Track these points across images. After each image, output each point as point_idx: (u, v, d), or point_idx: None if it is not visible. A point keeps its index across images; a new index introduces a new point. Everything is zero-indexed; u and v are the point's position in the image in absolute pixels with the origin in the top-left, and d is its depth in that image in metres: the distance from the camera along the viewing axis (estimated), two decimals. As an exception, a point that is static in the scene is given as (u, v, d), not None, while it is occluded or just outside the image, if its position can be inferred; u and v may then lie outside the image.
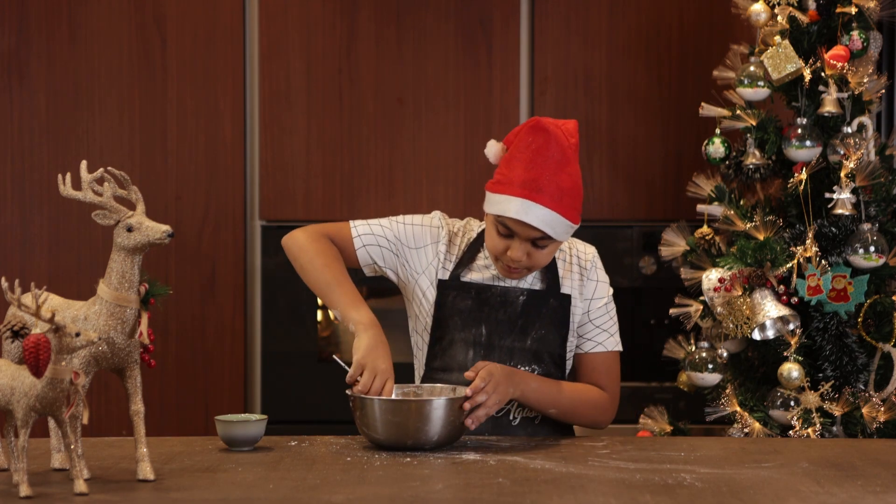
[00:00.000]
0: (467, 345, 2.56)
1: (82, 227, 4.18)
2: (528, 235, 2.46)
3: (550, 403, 2.51)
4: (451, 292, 2.58)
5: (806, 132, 3.26)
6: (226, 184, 4.21)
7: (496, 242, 2.51)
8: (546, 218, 2.43)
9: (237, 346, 4.22)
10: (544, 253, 2.50)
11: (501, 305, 2.56)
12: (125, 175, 2.08)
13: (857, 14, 3.27)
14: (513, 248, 2.48)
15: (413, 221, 2.65)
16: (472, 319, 2.56)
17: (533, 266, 2.52)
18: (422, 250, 2.62)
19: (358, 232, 2.63)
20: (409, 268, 2.63)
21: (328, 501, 1.91)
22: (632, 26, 4.19)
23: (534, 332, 2.56)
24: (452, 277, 2.60)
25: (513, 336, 2.56)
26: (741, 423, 3.15)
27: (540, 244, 2.48)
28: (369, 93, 4.20)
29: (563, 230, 2.47)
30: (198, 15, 4.19)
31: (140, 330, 2.07)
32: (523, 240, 2.47)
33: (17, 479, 1.96)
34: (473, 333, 2.56)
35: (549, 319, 2.57)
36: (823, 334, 3.18)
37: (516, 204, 2.43)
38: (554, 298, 2.58)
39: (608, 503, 1.91)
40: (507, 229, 2.47)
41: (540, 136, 2.45)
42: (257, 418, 2.38)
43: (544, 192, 2.42)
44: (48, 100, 4.19)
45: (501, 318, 2.56)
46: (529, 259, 2.49)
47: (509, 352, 2.55)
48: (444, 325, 2.58)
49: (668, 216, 3.94)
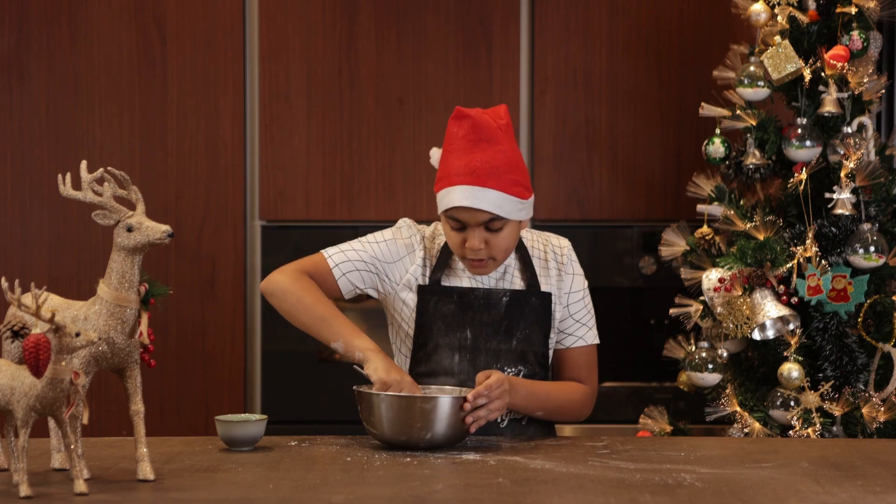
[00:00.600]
0: (452, 349, 2.55)
1: (82, 227, 4.18)
2: (477, 220, 2.46)
3: (538, 407, 2.53)
4: (433, 297, 2.57)
5: (806, 132, 3.26)
6: (226, 184, 4.21)
7: (454, 239, 2.51)
8: (487, 197, 2.43)
9: (237, 346, 4.21)
10: (503, 236, 2.49)
11: (485, 308, 2.56)
12: (125, 175, 2.08)
13: (857, 14, 3.27)
14: (469, 238, 2.48)
15: (385, 237, 2.64)
16: (455, 323, 2.56)
17: (495, 253, 2.50)
18: (399, 263, 2.61)
19: (335, 262, 2.61)
20: (389, 282, 2.61)
21: (328, 501, 1.91)
22: (632, 26, 4.19)
23: (518, 332, 2.56)
24: (432, 282, 2.59)
25: (498, 338, 2.55)
26: (741, 423, 3.16)
27: (493, 227, 2.47)
28: (369, 93, 4.20)
29: (512, 207, 2.46)
30: (198, 15, 4.19)
31: (140, 330, 2.07)
32: (475, 227, 2.47)
33: (17, 479, 1.96)
34: (458, 337, 2.55)
35: (533, 319, 2.57)
36: (823, 334, 3.18)
37: (457, 192, 2.44)
38: (535, 297, 2.58)
39: (608, 503, 1.91)
40: (458, 222, 2.48)
41: (464, 123, 2.49)
42: (257, 418, 2.38)
43: (479, 174, 2.44)
44: (48, 100, 4.19)
45: (486, 320, 2.56)
46: (489, 247, 2.49)
47: (495, 354, 2.55)
48: (427, 330, 2.57)
49: (668, 216, 3.93)
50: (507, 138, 2.51)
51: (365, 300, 4.22)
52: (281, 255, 4.18)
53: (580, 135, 4.19)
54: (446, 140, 2.52)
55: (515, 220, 2.49)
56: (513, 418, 2.57)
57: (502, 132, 2.50)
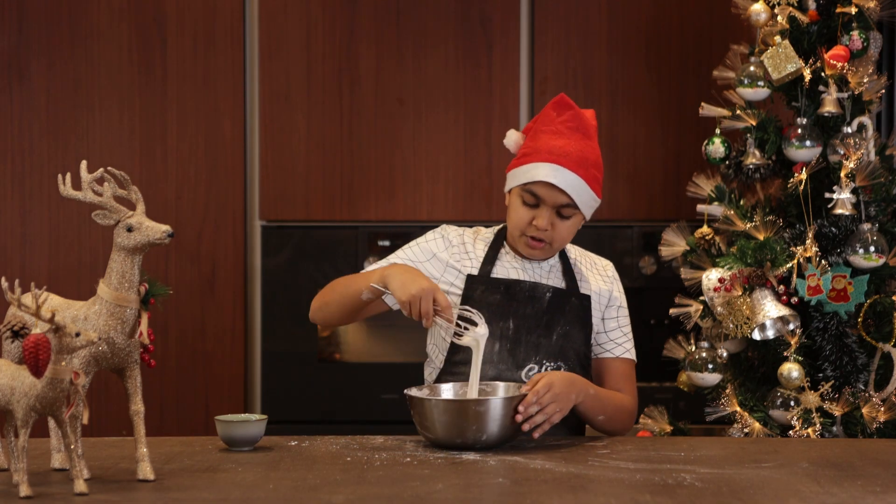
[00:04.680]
0: (494, 338, 2.56)
1: (82, 227, 4.18)
2: (554, 201, 2.54)
3: (601, 410, 2.54)
4: (480, 287, 2.61)
5: (806, 132, 3.26)
6: (226, 184, 4.21)
7: (521, 214, 2.57)
8: (573, 183, 2.52)
9: (237, 346, 4.22)
10: (567, 225, 2.57)
11: (529, 300, 2.59)
12: (125, 175, 2.08)
13: (857, 14, 3.27)
14: (538, 217, 2.55)
15: (423, 240, 2.69)
16: (499, 313, 2.58)
17: (556, 239, 2.57)
18: (435, 258, 2.65)
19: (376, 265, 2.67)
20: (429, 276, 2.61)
21: (328, 501, 1.91)
22: (632, 26, 4.19)
23: (559, 328, 2.59)
24: (482, 273, 2.62)
25: (539, 331, 2.58)
26: (741, 423, 3.15)
27: (564, 213, 2.55)
28: (369, 93, 4.20)
29: (587, 200, 2.56)
30: (198, 15, 4.19)
31: (140, 330, 2.07)
32: (549, 207, 2.54)
33: (17, 479, 1.96)
34: (501, 327, 2.57)
35: (573, 317, 2.61)
36: (823, 334, 3.18)
37: (545, 168, 2.52)
38: (576, 298, 2.63)
39: (608, 503, 1.91)
40: (535, 197, 2.54)
41: (565, 111, 2.57)
42: (257, 418, 2.38)
43: (571, 158, 2.53)
44: (48, 100, 4.19)
45: (529, 312, 2.58)
46: (553, 230, 2.56)
47: (535, 347, 2.57)
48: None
49: (668, 216, 3.93)
50: (596, 136, 2.62)
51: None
52: (281, 255, 4.18)
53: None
54: (540, 121, 2.60)
55: (583, 214, 2.58)
56: None
57: (594, 130, 2.61)
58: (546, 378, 2.39)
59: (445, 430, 2.32)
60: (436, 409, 2.32)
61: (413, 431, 2.46)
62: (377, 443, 2.41)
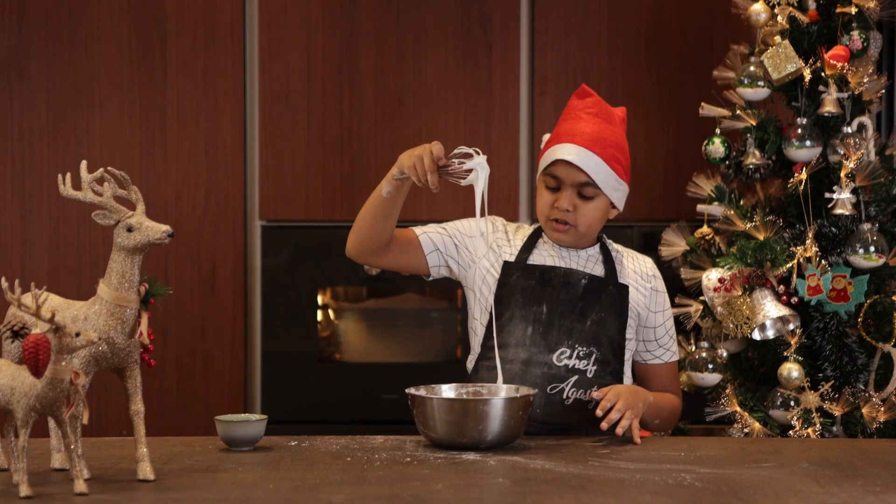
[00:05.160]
0: (527, 321, 2.59)
1: (82, 227, 4.18)
2: (573, 179, 2.57)
3: (657, 415, 2.62)
4: (516, 273, 2.64)
5: (806, 132, 3.26)
6: (226, 184, 4.21)
7: (545, 199, 2.62)
8: (589, 159, 2.56)
9: (237, 346, 4.21)
10: (591, 207, 2.60)
11: (564, 286, 2.61)
12: (125, 175, 2.08)
13: (857, 14, 3.27)
14: (560, 198, 2.59)
15: (473, 220, 2.72)
16: (533, 297, 2.61)
17: (580, 221, 2.60)
18: (481, 238, 2.71)
19: (418, 230, 2.71)
20: (469, 253, 2.68)
21: (328, 501, 1.91)
22: (632, 26, 4.19)
23: (593, 314, 2.61)
24: (519, 260, 2.66)
25: (572, 316, 2.60)
26: (741, 423, 3.15)
27: (586, 193, 2.58)
28: (369, 93, 4.20)
29: (608, 179, 2.58)
30: (198, 15, 4.19)
31: (140, 330, 2.07)
32: (569, 187, 2.58)
33: (17, 479, 1.96)
34: (534, 311, 2.60)
35: (609, 305, 2.63)
36: (823, 334, 3.18)
37: (561, 149, 2.58)
38: (613, 286, 2.65)
39: (608, 503, 1.91)
40: (555, 179, 2.60)
41: (587, 99, 2.65)
42: (257, 418, 2.38)
43: (587, 137, 2.58)
44: (48, 100, 4.19)
45: (563, 297, 2.61)
46: (576, 212, 2.59)
47: (568, 331, 2.59)
48: (505, 302, 2.62)
49: (668, 216, 3.93)
50: (622, 128, 2.66)
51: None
52: (281, 255, 4.18)
53: (580, 135, 4.19)
54: (564, 112, 2.67)
55: (607, 195, 2.60)
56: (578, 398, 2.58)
57: (618, 120, 2.66)
58: (613, 389, 2.48)
59: (447, 429, 2.32)
60: (438, 407, 2.32)
61: (413, 431, 2.46)
62: (377, 443, 2.41)
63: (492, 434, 2.31)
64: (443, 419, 2.31)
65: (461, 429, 2.30)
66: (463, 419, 2.30)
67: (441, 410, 2.32)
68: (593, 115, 2.62)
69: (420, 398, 2.35)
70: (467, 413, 2.30)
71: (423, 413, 2.34)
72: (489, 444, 2.32)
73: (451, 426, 2.31)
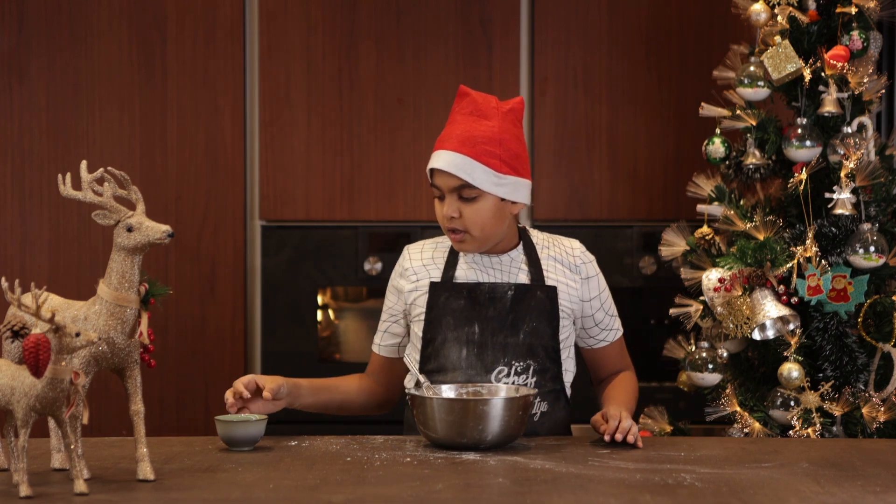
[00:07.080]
0: (460, 343, 2.56)
1: (82, 227, 4.18)
2: (448, 185, 2.53)
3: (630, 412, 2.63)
4: (444, 293, 2.60)
5: (806, 132, 3.26)
6: (226, 184, 4.21)
7: (438, 210, 2.59)
8: (456, 162, 2.51)
9: (237, 346, 4.22)
10: (476, 209, 2.53)
11: (490, 302, 2.58)
12: (125, 175, 2.08)
13: (857, 14, 3.27)
14: (444, 206, 2.55)
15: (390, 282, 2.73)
16: (463, 318, 2.57)
17: (469, 226, 2.54)
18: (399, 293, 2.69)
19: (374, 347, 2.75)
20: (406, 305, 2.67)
21: (328, 501, 1.91)
22: (632, 26, 4.19)
23: (525, 325, 2.57)
24: (445, 279, 2.62)
25: (505, 332, 2.57)
26: (741, 423, 3.15)
27: (466, 196, 2.52)
28: (369, 93, 4.20)
29: (484, 177, 2.52)
30: (198, 15, 4.19)
31: (140, 330, 2.07)
32: (449, 193, 2.53)
33: (17, 479, 1.96)
34: (466, 332, 2.57)
35: (539, 312, 2.59)
36: (823, 334, 3.18)
37: (435, 157, 2.55)
38: (541, 291, 2.60)
39: (608, 503, 1.91)
40: (437, 189, 2.56)
41: (462, 100, 2.59)
42: (257, 418, 2.38)
43: (453, 140, 2.53)
44: (48, 100, 4.19)
45: (492, 314, 2.57)
46: (463, 218, 2.54)
47: (502, 348, 2.56)
48: (435, 325, 2.59)
49: (668, 216, 3.94)
50: (503, 119, 2.56)
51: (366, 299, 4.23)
52: (281, 255, 4.18)
53: (580, 135, 4.19)
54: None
55: (491, 193, 2.53)
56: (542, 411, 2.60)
57: (499, 113, 2.57)
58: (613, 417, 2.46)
59: (447, 429, 2.32)
60: (438, 407, 2.32)
61: (413, 431, 2.46)
62: (377, 443, 2.42)
63: (492, 434, 2.31)
64: (443, 419, 2.31)
65: (461, 429, 2.30)
66: (463, 419, 2.30)
67: (441, 410, 2.32)
68: (466, 115, 2.56)
69: (420, 398, 2.35)
70: (467, 413, 2.30)
71: (423, 413, 2.34)
72: (489, 444, 2.32)
73: (451, 426, 2.31)
